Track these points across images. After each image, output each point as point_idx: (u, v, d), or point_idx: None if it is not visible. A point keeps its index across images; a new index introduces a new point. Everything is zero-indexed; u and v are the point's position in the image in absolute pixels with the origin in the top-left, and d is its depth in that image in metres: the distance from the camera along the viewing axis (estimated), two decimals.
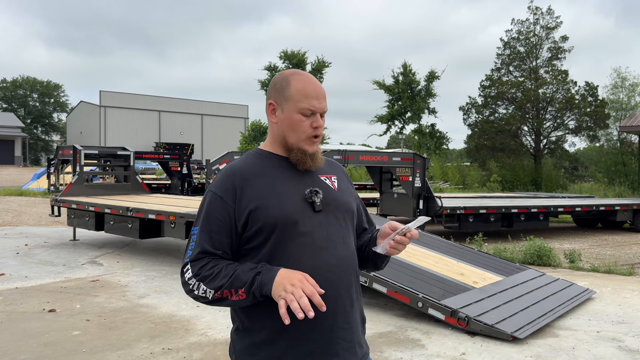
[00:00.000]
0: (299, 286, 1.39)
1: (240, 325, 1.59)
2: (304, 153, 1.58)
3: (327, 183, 1.65)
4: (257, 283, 1.43)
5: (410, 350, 4.20)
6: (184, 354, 4.09)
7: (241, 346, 1.57)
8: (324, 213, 1.57)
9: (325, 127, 1.65)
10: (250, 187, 1.54)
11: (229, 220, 1.53)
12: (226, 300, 1.47)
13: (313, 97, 1.56)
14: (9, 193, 21.41)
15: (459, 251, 6.73)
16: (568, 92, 26.55)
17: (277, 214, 1.51)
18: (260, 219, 1.50)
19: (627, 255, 9.51)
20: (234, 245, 1.55)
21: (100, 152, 11.49)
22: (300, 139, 1.58)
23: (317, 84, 1.60)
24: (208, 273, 1.48)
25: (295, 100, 1.56)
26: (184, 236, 7.33)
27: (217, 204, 1.55)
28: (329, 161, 1.76)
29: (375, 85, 27.66)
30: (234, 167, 1.59)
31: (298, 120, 1.56)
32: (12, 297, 5.74)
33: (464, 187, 25.41)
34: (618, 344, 4.40)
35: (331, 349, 1.53)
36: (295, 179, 1.59)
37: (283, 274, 1.43)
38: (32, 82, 73.80)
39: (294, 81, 1.58)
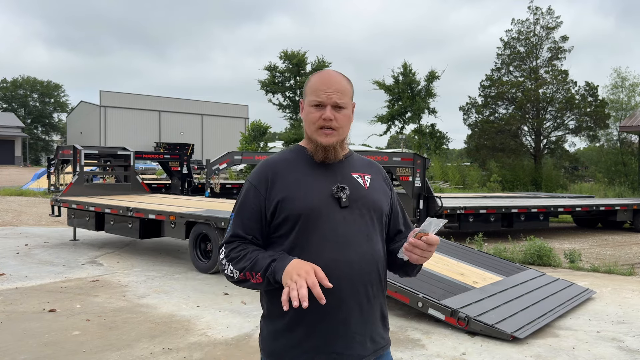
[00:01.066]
0: (304, 277, 1.44)
1: (266, 312, 1.70)
2: (316, 144, 1.64)
3: (359, 181, 1.69)
4: (272, 269, 1.52)
5: (410, 350, 4.20)
6: (184, 354, 4.09)
7: (267, 332, 1.68)
8: (350, 209, 1.62)
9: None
10: (281, 179, 1.63)
11: (260, 208, 1.63)
12: (248, 282, 1.59)
13: (321, 89, 1.61)
14: (9, 193, 21.41)
15: (459, 251, 6.73)
16: (568, 92, 26.54)
17: (301, 205, 1.58)
18: (286, 210, 1.59)
19: (627, 255, 9.51)
20: (263, 231, 1.65)
21: (101, 152, 11.48)
22: (313, 131, 1.64)
23: (331, 78, 1.64)
24: (235, 255, 1.61)
25: (308, 94, 1.65)
26: (184, 236, 7.34)
27: (251, 193, 1.65)
28: (369, 161, 1.82)
29: (375, 85, 27.69)
30: (269, 160, 1.70)
31: (309, 113, 1.64)
32: (12, 297, 5.74)
33: (464, 187, 25.41)
34: (618, 344, 4.40)
35: (345, 341, 1.59)
36: (326, 174, 1.65)
37: (294, 263, 1.50)
38: (32, 82, 73.78)
39: (312, 78, 1.68)
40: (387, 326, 1.74)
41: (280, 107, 31.51)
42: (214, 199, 10.32)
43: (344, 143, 1.69)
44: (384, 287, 1.71)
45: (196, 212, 7.29)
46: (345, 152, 1.72)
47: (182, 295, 5.88)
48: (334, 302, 1.53)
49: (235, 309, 5.36)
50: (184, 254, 8.55)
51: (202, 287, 6.23)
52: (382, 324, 1.70)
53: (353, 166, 1.71)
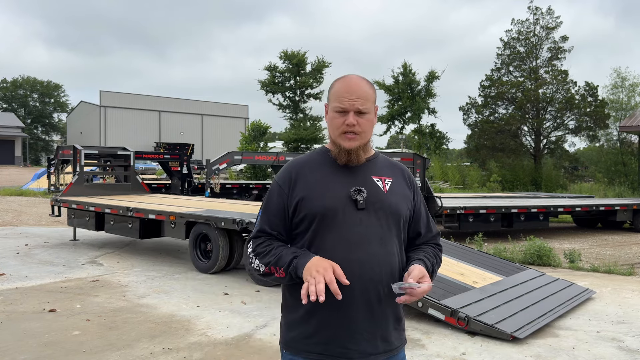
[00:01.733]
0: (322, 273, 1.54)
1: (284, 303, 1.79)
2: (339, 148, 1.71)
3: (379, 184, 1.74)
4: (294, 265, 1.62)
5: (410, 350, 4.20)
6: (184, 354, 4.09)
7: (284, 322, 1.77)
8: (367, 212, 1.68)
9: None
10: (303, 179, 1.72)
11: (284, 206, 1.73)
12: (272, 276, 1.69)
13: (345, 96, 1.67)
14: (9, 193, 21.42)
15: (459, 251, 6.73)
16: (568, 92, 26.54)
17: (319, 205, 1.67)
18: (305, 208, 1.68)
19: (627, 255, 9.51)
20: (287, 227, 1.75)
21: (101, 152, 11.48)
22: (337, 135, 1.71)
23: (355, 84, 1.70)
24: (261, 250, 1.71)
25: (332, 100, 1.72)
26: (184, 236, 7.34)
27: (276, 191, 1.76)
28: (392, 163, 1.86)
29: (375, 85, 27.65)
30: (295, 161, 1.80)
31: (333, 118, 1.71)
32: (12, 297, 5.74)
33: (464, 187, 25.41)
34: (618, 344, 4.41)
35: (352, 337, 1.66)
36: (346, 176, 1.72)
37: (315, 260, 1.60)
38: (32, 82, 73.76)
39: (336, 84, 1.74)
40: (402, 327, 1.80)
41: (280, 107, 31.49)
42: (214, 199, 10.32)
43: (367, 146, 1.76)
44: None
45: (196, 212, 7.30)
46: (369, 155, 1.79)
47: (182, 295, 5.89)
48: (345, 299, 1.59)
49: (235, 309, 5.36)
50: (184, 254, 8.56)
51: (202, 287, 6.23)
52: (395, 325, 1.75)
53: (375, 169, 1.77)
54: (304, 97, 30.50)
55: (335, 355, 1.66)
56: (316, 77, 29.78)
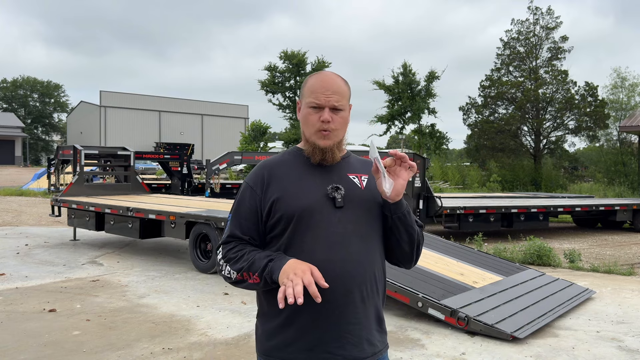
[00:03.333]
0: (300, 275, 1.46)
1: (261, 311, 1.70)
2: (314, 146, 1.64)
3: (355, 181, 1.68)
4: (269, 269, 1.54)
5: (410, 350, 4.20)
6: (184, 353, 4.10)
7: (261, 331, 1.69)
8: (345, 209, 1.61)
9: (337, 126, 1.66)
10: (277, 179, 1.65)
11: (256, 208, 1.65)
12: (245, 282, 1.60)
13: (320, 91, 1.61)
14: (9, 193, 21.42)
15: (459, 251, 6.74)
16: (568, 92, 26.55)
17: (295, 205, 1.59)
18: (281, 209, 1.60)
19: (627, 255, 9.51)
20: (260, 231, 1.66)
21: (101, 152, 11.48)
22: (311, 133, 1.64)
23: (330, 80, 1.64)
24: (233, 255, 1.62)
25: (306, 96, 1.64)
26: (184, 236, 7.34)
27: (247, 193, 1.67)
28: (366, 161, 1.79)
29: (375, 85, 27.65)
30: (266, 161, 1.72)
31: (307, 115, 1.64)
32: (12, 297, 5.74)
33: (464, 187, 25.41)
34: (618, 344, 4.41)
35: (337, 341, 1.58)
36: (322, 175, 1.65)
37: (291, 263, 1.52)
38: (33, 82, 73.77)
39: (310, 80, 1.67)
40: (383, 329, 1.72)
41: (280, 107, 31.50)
42: (214, 199, 10.33)
43: (341, 145, 1.68)
44: (379, 288, 1.68)
45: (196, 212, 7.30)
46: (342, 154, 1.72)
47: (182, 295, 5.89)
48: (328, 301, 1.52)
49: (235, 309, 5.37)
50: (184, 254, 8.56)
51: (202, 287, 6.23)
52: (378, 326, 1.68)
53: (350, 167, 1.71)
54: None
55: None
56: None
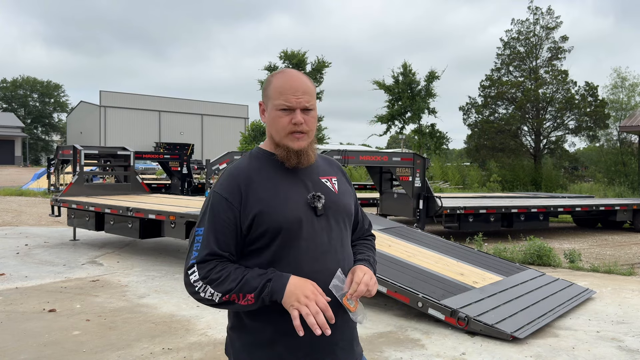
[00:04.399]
0: (313, 299, 1.43)
1: (238, 323, 1.59)
2: (287, 150, 1.57)
3: (329, 185, 1.66)
4: (268, 290, 1.46)
5: (410, 350, 4.20)
6: (184, 353, 4.09)
7: (240, 344, 1.58)
8: (325, 217, 1.59)
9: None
10: (254, 189, 1.54)
11: (235, 221, 1.53)
12: (234, 304, 1.49)
13: (289, 92, 1.55)
14: (9, 193, 21.41)
15: (459, 251, 6.74)
16: (568, 92, 26.54)
17: (282, 219, 1.52)
18: (265, 223, 1.52)
19: (627, 255, 9.51)
20: (238, 246, 1.56)
21: (100, 152, 11.48)
22: (282, 136, 1.57)
23: (298, 79, 1.58)
24: (216, 276, 1.48)
25: (274, 98, 1.57)
26: (184, 236, 7.33)
27: (223, 206, 1.54)
28: (328, 160, 1.77)
29: (375, 85, 27.62)
30: (238, 169, 1.60)
31: (276, 117, 1.56)
32: (12, 297, 5.74)
33: (464, 187, 25.41)
34: (618, 344, 4.41)
35: (330, 350, 1.56)
36: (297, 181, 1.60)
37: (295, 282, 1.46)
38: (32, 82, 73.79)
39: (274, 80, 1.60)
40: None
41: None
42: None
43: (313, 145, 1.64)
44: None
45: (196, 212, 7.29)
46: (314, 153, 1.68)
47: (182, 295, 5.89)
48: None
49: None
50: (184, 254, 8.55)
51: None
52: (355, 328, 1.69)
53: (319, 169, 1.67)
54: None
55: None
56: (316, 77, 29.75)
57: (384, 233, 6.95)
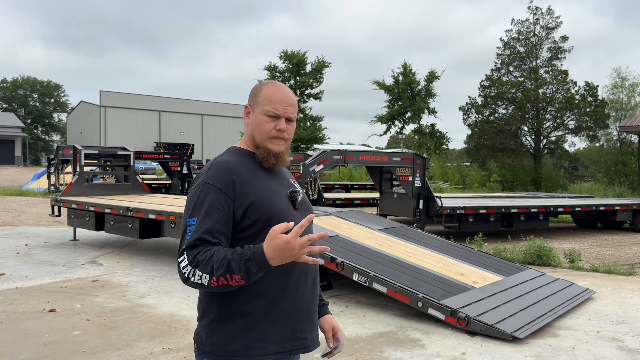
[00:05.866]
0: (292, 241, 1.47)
1: (217, 315, 1.67)
2: (267, 151, 1.75)
3: (296, 186, 1.87)
4: (254, 268, 1.50)
5: (410, 350, 4.20)
6: (184, 353, 4.09)
7: (220, 335, 1.65)
8: (299, 211, 1.78)
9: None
10: (246, 182, 1.68)
11: (229, 211, 1.64)
12: (225, 286, 1.53)
13: (278, 102, 1.74)
14: (9, 193, 21.41)
15: (459, 251, 6.74)
16: (568, 92, 26.55)
17: (272, 208, 1.68)
18: (257, 212, 1.65)
19: (627, 255, 9.51)
20: (229, 236, 1.65)
21: (101, 152, 11.48)
22: (264, 139, 1.75)
23: (287, 93, 1.78)
24: (202, 257, 1.54)
25: (263, 103, 1.75)
26: None
27: (217, 195, 1.63)
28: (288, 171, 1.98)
29: (375, 85, 27.61)
30: (227, 163, 1.70)
31: (262, 121, 1.74)
32: (12, 297, 5.74)
33: (464, 187, 25.41)
34: (618, 343, 4.41)
35: (308, 326, 1.74)
36: (276, 179, 1.79)
37: (269, 245, 1.49)
38: (33, 82, 73.80)
39: (265, 88, 1.78)
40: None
41: None
42: None
43: (288, 150, 1.83)
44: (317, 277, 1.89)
45: None
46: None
47: (183, 295, 5.89)
48: (297, 294, 1.68)
49: None
50: None
51: None
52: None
53: (286, 172, 1.90)
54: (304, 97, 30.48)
55: (294, 349, 1.69)
56: (316, 77, 29.73)
57: (384, 233, 6.95)
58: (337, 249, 5.76)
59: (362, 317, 5.09)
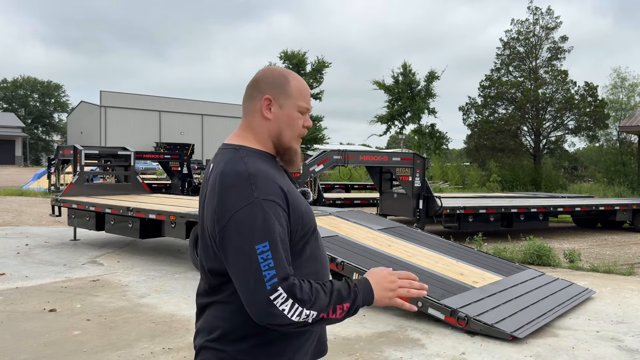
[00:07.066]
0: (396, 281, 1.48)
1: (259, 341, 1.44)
2: (295, 152, 1.56)
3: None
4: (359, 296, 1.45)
5: (410, 349, 4.21)
6: (185, 353, 4.10)
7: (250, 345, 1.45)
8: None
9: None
10: (288, 191, 1.45)
11: (288, 227, 1.42)
12: (324, 321, 1.40)
13: (308, 97, 1.58)
14: (10, 193, 21.42)
15: (459, 251, 6.74)
16: (568, 92, 26.56)
17: (311, 218, 1.52)
18: (306, 224, 1.48)
19: (627, 255, 9.52)
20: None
21: (101, 152, 11.49)
22: (293, 137, 1.55)
23: (308, 86, 1.63)
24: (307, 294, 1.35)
25: (296, 98, 1.53)
26: (184, 236, 7.34)
27: (279, 213, 1.39)
28: None
29: (375, 85, 27.64)
30: (266, 172, 1.44)
31: (297, 118, 1.54)
32: (13, 297, 5.74)
33: (464, 187, 25.41)
34: (618, 343, 4.41)
35: (322, 347, 1.62)
36: (292, 181, 1.63)
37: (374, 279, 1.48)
38: (33, 82, 73.81)
39: (292, 79, 1.55)
40: None
41: None
42: None
43: None
44: None
45: (196, 212, 7.29)
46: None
47: (183, 295, 5.89)
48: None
49: None
50: (184, 254, 8.56)
51: None
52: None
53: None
54: None
55: (317, 354, 1.58)
56: (316, 77, 29.76)
57: (384, 233, 6.96)
58: (337, 248, 5.77)
59: (362, 316, 5.09)
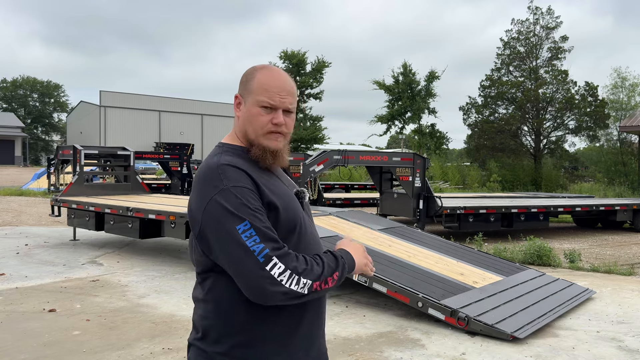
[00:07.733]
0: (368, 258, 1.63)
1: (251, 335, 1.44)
2: (263, 150, 1.50)
3: (294, 184, 1.67)
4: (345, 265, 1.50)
5: (410, 350, 4.20)
6: (184, 353, 4.08)
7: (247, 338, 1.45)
8: (305, 212, 1.61)
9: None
10: (261, 184, 1.45)
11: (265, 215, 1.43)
12: (317, 292, 1.41)
13: (275, 91, 1.49)
14: (9, 193, 21.40)
15: (459, 251, 6.74)
16: (568, 92, 26.55)
17: (294, 215, 1.50)
18: (282, 218, 1.46)
19: (627, 255, 9.51)
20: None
21: (101, 152, 11.48)
22: (259, 134, 1.50)
23: (284, 79, 1.53)
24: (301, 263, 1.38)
25: (256, 93, 1.49)
26: (184, 236, 7.33)
27: (251, 195, 1.40)
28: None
29: (375, 85, 27.63)
30: (235, 162, 1.45)
31: (256, 114, 1.49)
32: (12, 297, 5.74)
33: (464, 187, 25.40)
34: (618, 343, 4.41)
35: (318, 341, 1.60)
36: (279, 177, 1.58)
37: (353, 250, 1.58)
38: (32, 82, 73.77)
39: (258, 74, 1.52)
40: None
41: None
42: None
43: (287, 147, 1.59)
44: None
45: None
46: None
47: (182, 295, 5.89)
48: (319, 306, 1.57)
49: None
50: (184, 254, 8.55)
51: None
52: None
53: (282, 172, 1.65)
54: (304, 97, 30.50)
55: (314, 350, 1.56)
56: (316, 77, 29.77)
57: (384, 233, 6.95)
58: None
59: (362, 317, 5.09)
